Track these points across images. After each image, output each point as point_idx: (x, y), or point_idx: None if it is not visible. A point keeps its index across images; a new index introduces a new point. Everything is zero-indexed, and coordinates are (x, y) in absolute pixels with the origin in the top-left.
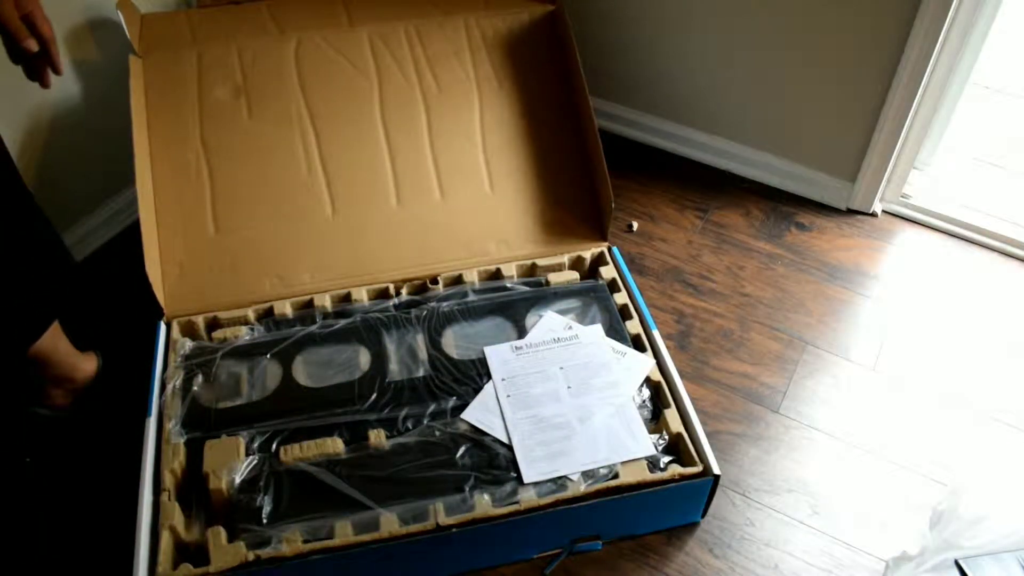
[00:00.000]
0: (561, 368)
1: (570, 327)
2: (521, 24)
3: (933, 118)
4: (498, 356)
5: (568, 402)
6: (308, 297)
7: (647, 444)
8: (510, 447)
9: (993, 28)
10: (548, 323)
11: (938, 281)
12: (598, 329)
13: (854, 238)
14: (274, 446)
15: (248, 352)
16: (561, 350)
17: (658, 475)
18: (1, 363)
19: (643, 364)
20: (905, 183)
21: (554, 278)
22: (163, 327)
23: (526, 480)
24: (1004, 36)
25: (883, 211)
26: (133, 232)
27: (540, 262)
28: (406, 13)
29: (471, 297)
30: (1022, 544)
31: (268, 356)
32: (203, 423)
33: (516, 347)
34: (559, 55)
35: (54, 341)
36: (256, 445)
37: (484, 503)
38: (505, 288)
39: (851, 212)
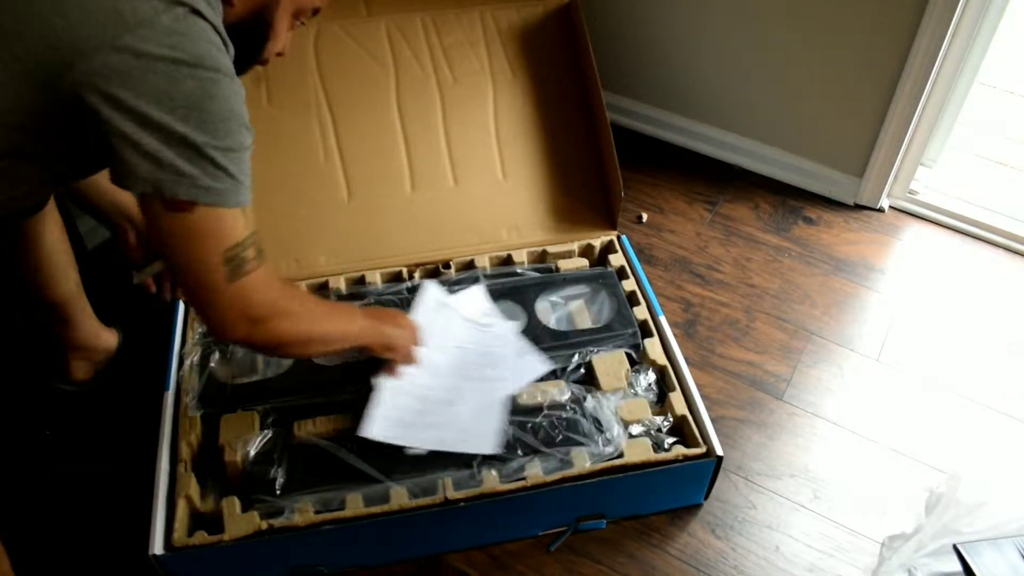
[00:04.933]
0: (458, 347)
1: (488, 316)
2: (536, 17)
3: (940, 115)
4: (432, 295)
5: (446, 379)
6: (323, 279)
7: (491, 444)
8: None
9: (1000, 27)
10: (472, 299)
11: (943, 276)
12: (515, 327)
13: (861, 232)
14: (288, 421)
15: None
16: (471, 329)
17: (662, 455)
18: None
19: (538, 368)
20: (912, 179)
21: (564, 264)
22: (182, 305)
23: (360, 432)
24: (1011, 35)
25: (890, 207)
26: None
27: (550, 249)
28: (423, 4)
29: (482, 282)
30: (1021, 531)
31: None
32: (219, 398)
33: (447, 293)
34: (573, 48)
35: (80, 301)
36: (271, 420)
37: (492, 478)
38: (516, 273)
39: (858, 207)
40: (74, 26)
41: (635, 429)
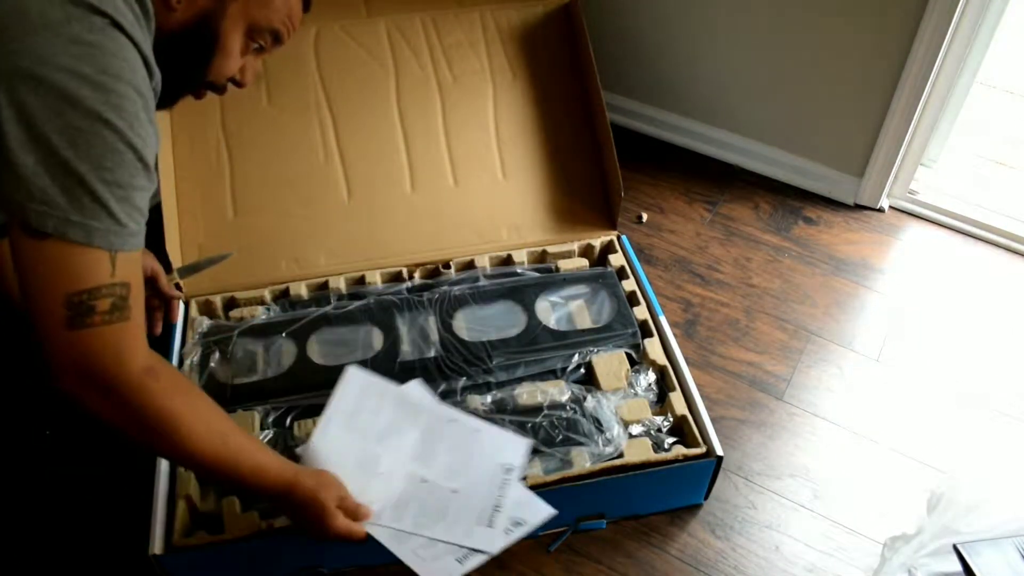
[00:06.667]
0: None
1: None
2: (536, 17)
3: (940, 115)
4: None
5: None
6: (323, 279)
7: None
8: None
9: (1000, 27)
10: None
11: (943, 276)
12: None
13: (861, 232)
14: (288, 421)
15: (264, 331)
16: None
17: (662, 455)
18: None
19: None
20: (912, 179)
21: (564, 264)
22: (181, 306)
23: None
24: (1012, 35)
25: (890, 207)
26: (154, 214)
27: (550, 249)
28: (423, 4)
29: (482, 282)
30: (1021, 531)
31: (283, 335)
32: (219, 398)
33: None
34: (573, 48)
35: None
36: (271, 420)
37: None
38: (516, 273)
39: (858, 207)
40: None
41: (635, 429)
